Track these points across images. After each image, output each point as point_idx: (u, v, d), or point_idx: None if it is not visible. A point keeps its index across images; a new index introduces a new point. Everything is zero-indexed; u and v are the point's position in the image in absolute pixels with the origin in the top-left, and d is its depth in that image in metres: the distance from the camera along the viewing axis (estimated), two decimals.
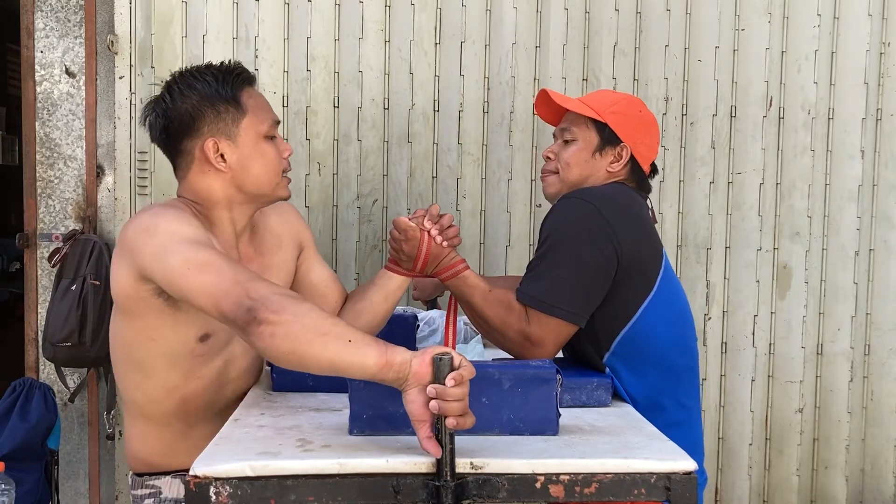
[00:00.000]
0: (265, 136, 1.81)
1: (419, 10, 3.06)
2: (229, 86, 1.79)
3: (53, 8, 3.08)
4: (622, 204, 1.95)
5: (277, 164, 1.83)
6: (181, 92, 1.78)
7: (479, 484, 1.35)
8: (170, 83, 1.81)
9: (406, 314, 2.22)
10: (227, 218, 1.83)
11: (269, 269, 1.90)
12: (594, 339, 1.93)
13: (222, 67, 1.82)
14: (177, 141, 1.80)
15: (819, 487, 3.24)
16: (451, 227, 1.94)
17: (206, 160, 1.78)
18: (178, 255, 1.58)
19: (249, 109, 1.80)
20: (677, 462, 1.38)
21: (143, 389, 1.82)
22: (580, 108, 2.06)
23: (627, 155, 2.04)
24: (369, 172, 3.08)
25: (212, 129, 1.77)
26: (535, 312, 1.87)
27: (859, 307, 3.21)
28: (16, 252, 5.88)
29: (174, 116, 1.78)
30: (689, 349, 2.03)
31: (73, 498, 3.15)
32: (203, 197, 1.81)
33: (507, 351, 1.95)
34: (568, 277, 1.86)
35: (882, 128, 3.19)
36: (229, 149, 1.78)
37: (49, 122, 3.09)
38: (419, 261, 1.92)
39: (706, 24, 3.12)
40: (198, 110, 1.77)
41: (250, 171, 1.80)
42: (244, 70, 1.85)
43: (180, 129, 1.78)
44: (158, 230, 1.63)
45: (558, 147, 2.10)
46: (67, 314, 2.86)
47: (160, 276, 1.61)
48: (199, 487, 1.32)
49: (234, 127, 1.78)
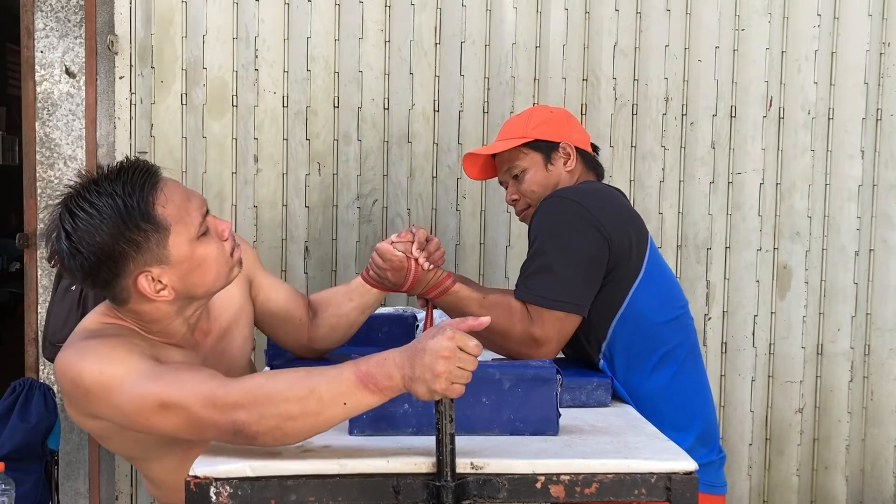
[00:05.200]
0: (198, 236, 1.56)
1: (419, 10, 3.06)
2: (136, 206, 1.50)
3: (53, 8, 3.08)
4: (599, 193, 2.02)
5: (223, 258, 1.60)
6: (86, 230, 1.49)
7: (480, 484, 1.35)
8: (62, 219, 1.52)
9: (405, 314, 2.22)
10: (178, 322, 1.64)
11: (228, 334, 1.79)
12: (590, 328, 1.94)
13: (121, 178, 1.52)
14: (104, 287, 1.56)
15: (819, 487, 3.25)
16: (437, 251, 1.91)
17: (144, 294, 1.55)
18: (128, 404, 1.43)
19: (171, 221, 1.53)
20: (678, 462, 1.38)
21: (147, 470, 1.77)
22: (507, 145, 2.15)
23: (573, 149, 2.14)
24: (369, 172, 3.08)
25: (138, 263, 1.52)
26: (536, 310, 1.87)
27: (859, 307, 3.21)
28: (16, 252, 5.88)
29: (87, 265, 1.51)
30: (682, 326, 2.03)
31: (73, 498, 3.15)
32: (152, 319, 1.61)
33: (508, 353, 1.93)
34: (563, 270, 1.88)
35: (882, 128, 3.19)
36: (166, 274, 1.54)
37: (49, 122, 3.09)
38: (406, 286, 1.91)
39: (706, 24, 3.12)
40: (113, 250, 1.50)
41: (197, 281, 1.58)
42: (145, 168, 1.55)
43: (104, 275, 1.53)
44: (87, 383, 1.46)
45: (514, 186, 2.18)
46: (67, 314, 2.86)
47: (120, 423, 1.49)
48: (199, 488, 1.32)
49: (162, 250, 1.53)
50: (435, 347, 1.29)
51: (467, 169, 2.30)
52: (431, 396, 1.31)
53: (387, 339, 2.11)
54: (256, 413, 1.35)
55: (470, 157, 2.26)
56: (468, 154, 2.26)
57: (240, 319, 1.83)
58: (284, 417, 1.34)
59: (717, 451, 2.04)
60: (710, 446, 2.01)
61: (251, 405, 1.35)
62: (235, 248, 1.64)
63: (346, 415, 1.36)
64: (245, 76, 3.03)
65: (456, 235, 3.11)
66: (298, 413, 1.34)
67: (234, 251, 1.63)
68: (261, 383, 1.38)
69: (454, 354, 1.29)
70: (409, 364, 1.32)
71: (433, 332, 1.32)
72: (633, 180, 3.12)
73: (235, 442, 1.39)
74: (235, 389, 1.38)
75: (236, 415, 1.36)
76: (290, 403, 1.34)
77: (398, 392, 1.35)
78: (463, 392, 1.31)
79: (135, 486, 3.11)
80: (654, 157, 3.13)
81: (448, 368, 1.29)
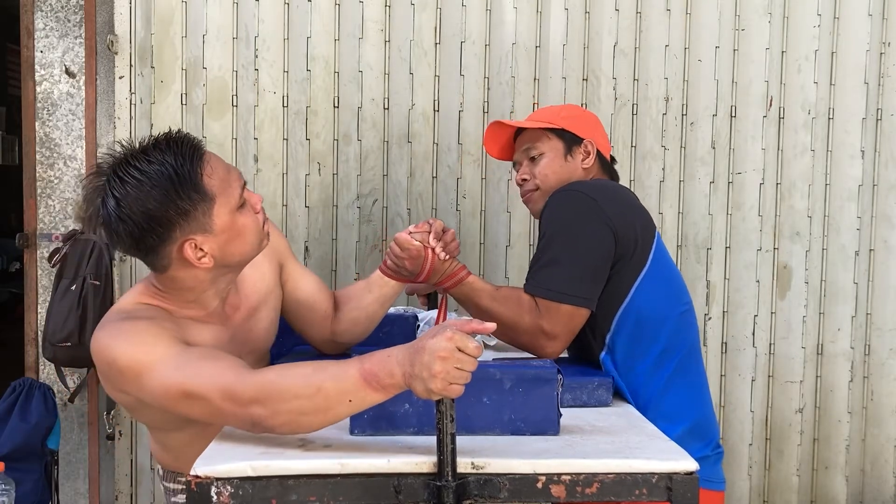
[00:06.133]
0: (238, 207, 1.64)
1: (419, 10, 3.06)
2: (188, 175, 1.57)
3: (53, 8, 3.08)
4: (609, 189, 2.04)
5: (259, 229, 1.68)
6: (136, 197, 1.55)
7: (481, 484, 1.35)
8: (111, 185, 1.57)
9: (406, 314, 2.23)
10: (212, 293, 1.71)
11: (256, 312, 1.84)
12: (594, 320, 1.95)
13: (172, 149, 1.58)
14: (148, 253, 1.62)
15: (819, 487, 3.25)
16: (453, 241, 1.96)
17: (187, 260, 1.62)
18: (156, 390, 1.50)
19: (216, 192, 1.60)
20: (679, 462, 1.38)
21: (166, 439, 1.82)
22: (534, 124, 2.17)
23: (594, 149, 2.15)
24: (369, 172, 3.08)
25: (184, 231, 1.59)
26: (545, 303, 1.90)
27: (859, 307, 3.21)
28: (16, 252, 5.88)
29: (135, 232, 1.57)
30: (685, 323, 2.04)
31: (73, 498, 3.15)
32: (187, 287, 1.68)
33: (519, 346, 1.97)
34: (572, 264, 1.90)
35: (882, 128, 3.19)
36: (208, 242, 1.61)
37: (49, 122, 3.09)
38: (422, 276, 1.94)
39: (706, 24, 3.12)
40: (163, 217, 1.56)
41: (235, 251, 1.66)
42: (192, 141, 1.62)
43: (150, 241, 1.59)
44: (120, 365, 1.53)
45: (529, 167, 2.19)
46: (67, 314, 2.86)
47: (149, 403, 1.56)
48: (200, 487, 1.32)
49: (207, 219, 1.60)
50: (433, 347, 1.30)
51: (488, 145, 2.30)
52: (429, 396, 1.32)
53: (387, 339, 2.11)
54: (271, 408, 1.40)
55: (495, 130, 2.26)
56: (494, 123, 2.25)
57: (269, 300, 1.89)
58: (297, 413, 1.39)
59: (713, 446, 2.04)
60: (706, 441, 2.01)
61: (266, 401, 1.40)
62: (266, 221, 1.73)
63: (352, 411, 1.40)
64: (245, 76, 3.03)
65: (456, 235, 3.10)
66: (309, 409, 1.39)
67: (265, 223, 1.72)
68: (273, 379, 1.42)
69: (452, 355, 1.29)
70: (410, 362, 1.33)
71: (434, 332, 1.32)
72: (633, 180, 3.12)
73: (254, 431, 1.45)
74: (252, 384, 1.42)
75: (253, 409, 1.41)
76: (301, 400, 1.39)
77: (401, 389, 1.36)
78: (462, 392, 1.32)
79: (135, 486, 3.11)
80: (654, 157, 3.13)
81: (445, 369, 1.29)
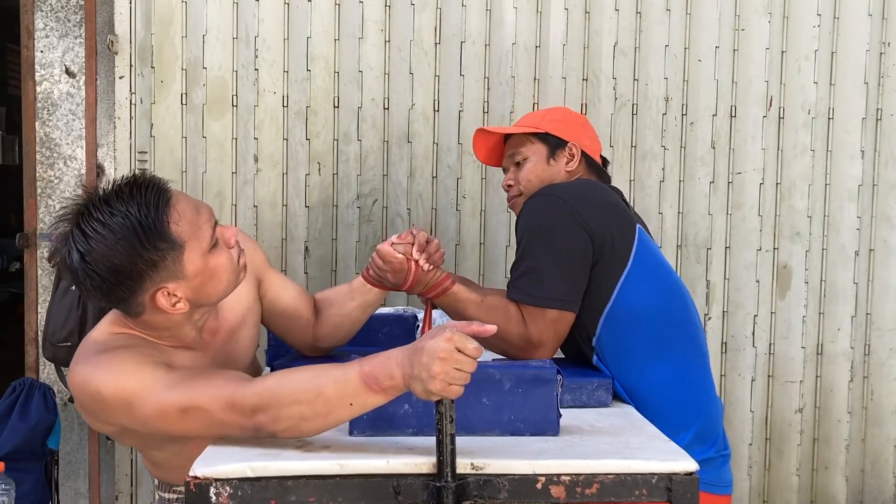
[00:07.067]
0: (210, 248, 1.58)
1: (419, 10, 3.06)
2: (153, 225, 1.50)
3: (53, 8, 3.08)
4: (584, 189, 2.02)
5: (233, 266, 1.62)
6: (101, 252, 1.49)
7: (480, 485, 1.35)
8: (75, 239, 1.51)
9: (405, 314, 2.22)
10: (188, 328, 1.66)
11: (235, 333, 1.81)
12: (580, 325, 1.94)
13: (135, 198, 1.51)
14: (119, 303, 1.58)
15: (819, 487, 3.24)
16: (437, 251, 1.93)
17: (160, 307, 1.56)
18: (151, 414, 1.46)
19: (185, 238, 1.53)
20: (678, 463, 1.38)
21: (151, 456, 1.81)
22: (518, 130, 2.19)
23: (579, 151, 2.15)
24: (369, 172, 3.08)
25: (155, 281, 1.53)
26: (529, 310, 1.89)
27: (859, 307, 3.21)
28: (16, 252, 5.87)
29: (103, 286, 1.52)
30: (677, 320, 1.99)
31: (73, 498, 3.15)
32: (161, 328, 1.63)
33: (508, 355, 1.94)
34: (551, 269, 1.89)
35: (882, 128, 3.19)
36: (181, 287, 1.56)
37: (49, 122, 3.09)
38: (405, 286, 1.93)
39: (706, 24, 3.12)
40: (131, 271, 1.50)
41: (210, 292, 1.60)
42: (157, 185, 1.54)
43: (120, 293, 1.53)
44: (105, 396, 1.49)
45: (514, 172, 2.20)
46: (67, 314, 2.85)
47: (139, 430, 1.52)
48: (199, 488, 1.32)
49: (178, 266, 1.54)
50: (432, 348, 1.30)
51: (477, 149, 2.32)
52: (428, 396, 1.32)
53: (387, 340, 2.11)
54: (272, 415, 1.40)
55: (481, 136, 2.29)
56: (479, 130, 2.28)
57: (247, 319, 1.85)
58: (298, 419, 1.39)
59: (717, 448, 1.99)
60: (710, 443, 1.97)
61: (267, 408, 1.40)
62: (241, 255, 1.66)
63: (353, 414, 1.40)
64: (245, 76, 3.03)
65: (456, 235, 3.11)
66: (310, 414, 1.39)
67: (241, 258, 1.66)
68: (273, 386, 1.41)
69: (451, 356, 1.29)
70: (409, 363, 1.32)
71: (434, 333, 1.32)
72: (633, 180, 3.12)
73: (256, 437, 1.45)
74: (252, 392, 1.42)
75: (256, 417, 1.41)
76: (302, 406, 1.38)
77: (401, 391, 1.36)
78: (461, 393, 1.31)
79: (135, 486, 3.11)
80: (654, 157, 3.13)
81: (444, 369, 1.29)
